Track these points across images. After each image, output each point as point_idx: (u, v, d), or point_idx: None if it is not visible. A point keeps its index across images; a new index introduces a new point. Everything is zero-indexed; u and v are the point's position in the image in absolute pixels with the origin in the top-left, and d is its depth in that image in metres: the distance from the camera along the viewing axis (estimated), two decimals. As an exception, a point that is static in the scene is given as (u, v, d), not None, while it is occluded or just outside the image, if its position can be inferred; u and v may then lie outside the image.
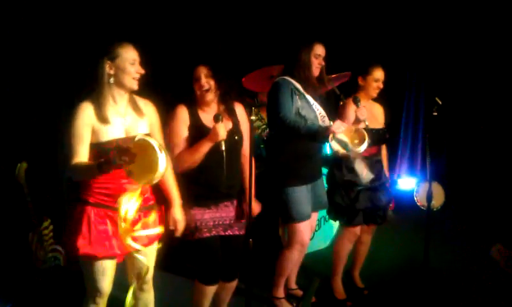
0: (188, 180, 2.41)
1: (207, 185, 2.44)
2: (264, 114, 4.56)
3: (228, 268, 2.55)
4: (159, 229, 2.21)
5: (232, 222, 2.53)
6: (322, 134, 2.63)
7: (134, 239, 2.07)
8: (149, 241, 2.17)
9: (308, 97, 2.88)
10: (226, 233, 2.51)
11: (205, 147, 2.34)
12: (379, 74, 3.04)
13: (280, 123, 2.73)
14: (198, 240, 2.44)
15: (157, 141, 1.89)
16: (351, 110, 2.98)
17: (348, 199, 3.05)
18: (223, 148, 2.29)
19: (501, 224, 4.47)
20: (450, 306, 3.23)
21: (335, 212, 3.16)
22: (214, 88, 2.41)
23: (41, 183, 3.49)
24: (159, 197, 2.30)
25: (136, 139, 1.89)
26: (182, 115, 2.42)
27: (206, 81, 2.39)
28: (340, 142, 2.69)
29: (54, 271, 3.38)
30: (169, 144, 2.37)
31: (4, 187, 3.54)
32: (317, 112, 2.88)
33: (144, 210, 2.15)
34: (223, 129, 2.31)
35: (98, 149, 2.02)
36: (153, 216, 2.20)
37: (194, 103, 2.47)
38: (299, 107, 2.78)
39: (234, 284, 2.64)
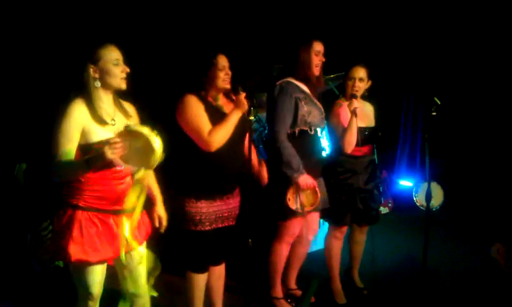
0: (199, 170, 2.44)
1: (219, 173, 2.47)
2: (261, 115, 4.57)
3: (216, 253, 2.60)
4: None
5: (229, 214, 2.58)
6: (291, 179, 2.74)
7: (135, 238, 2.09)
8: (139, 240, 2.16)
9: (313, 98, 2.89)
10: (222, 225, 2.56)
11: (235, 117, 2.40)
12: (353, 73, 3.02)
13: (272, 137, 2.77)
14: (197, 232, 2.47)
15: (146, 126, 1.89)
16: (346, 111, 2.98)
17: (338, 200, 3.05)
18: (252, 117, 2.35)
19: (501, 224, 4.48)
20: (449, 305, 3.23)
21: (323, 211, 3.13)
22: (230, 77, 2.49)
23: (40, 183, 3.49)
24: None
25: (123, 129, 1.89)
26: (194, 100, 2.43)
27: (229, 70, 2.46)
28: (296, 196, 2.79)
29: (53, 272, 3.38)
30: (193, 130, 2.39)
31: (3, 188, 3.54)
32: (322, 112, 2.92)
33: (129, 211, 2.12)
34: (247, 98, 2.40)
35: (86, 150, 1.96)
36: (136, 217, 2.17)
37: (201, 92, 2.48)
38: (306, 113, 2.80)
39: (223, 268, 2.70)
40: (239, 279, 2.70)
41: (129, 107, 2.19)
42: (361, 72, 3.03)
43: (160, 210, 2.29)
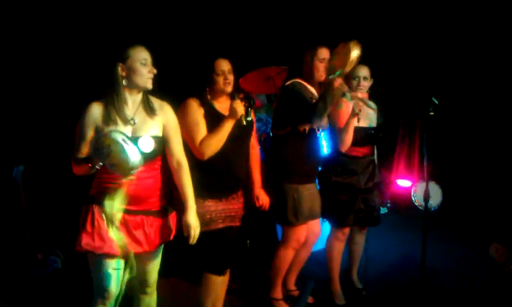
0: (202, 171, 2.44)
1: (222, 175, 2.49)
2: (260, 114, 4.57)
3: (226, 256, 2.60)
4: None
5: (235, 214, 2.59)
6: (331, 89, 2.63)
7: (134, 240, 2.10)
8: (149, 245, 2.16)
9: None
10: (231, 224, 2.57)
11: (228, 125, 2.42)
12: (356, 72, 3.01)
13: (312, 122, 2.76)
14: (211, 231, 2.47)
15: (122, 135, 1.90)
16: (348, 110, 2.98)
17: (340, 201, 3.05)
18: (245, 122, 2.37)
19: (499, 224, 4.48)
20: (448, 306, 3.24)
21: (325, 212, 3.13)
22: (233, 82, 2.51)
23: (38, 185, 3.49)
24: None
25: (103, 134, 1.92)
26: (194, 106, 2.46)
27: (230, 74, 2.48)
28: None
29: (52, 274, 3.37)
30: (188, 137, 2.41)
31: (1, 190, 3.54)
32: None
33: (146, 214, 2.14)
34: (240, 106, 2.41)
35: None
36: (157, 221, 2.20)
37: (204, 95, 2.51)
38: None
39: (227, 276, 2.69)
40: (238, 280, 2.69)
41: (162, 107, 2.20)
42: (364, 71, 3.03)
43: (190, 219, 2.21)
